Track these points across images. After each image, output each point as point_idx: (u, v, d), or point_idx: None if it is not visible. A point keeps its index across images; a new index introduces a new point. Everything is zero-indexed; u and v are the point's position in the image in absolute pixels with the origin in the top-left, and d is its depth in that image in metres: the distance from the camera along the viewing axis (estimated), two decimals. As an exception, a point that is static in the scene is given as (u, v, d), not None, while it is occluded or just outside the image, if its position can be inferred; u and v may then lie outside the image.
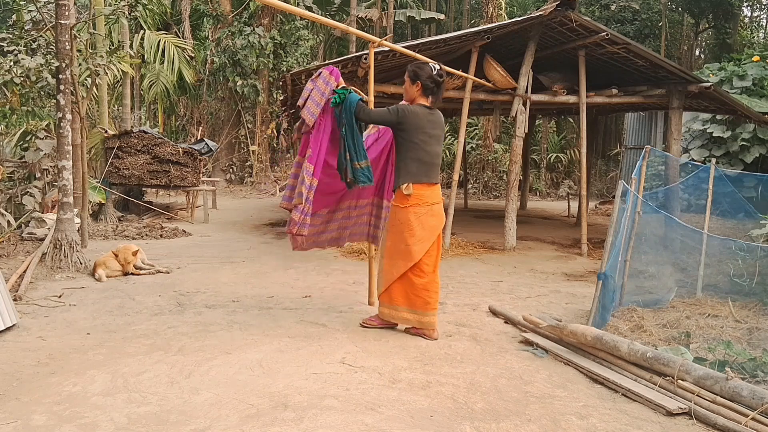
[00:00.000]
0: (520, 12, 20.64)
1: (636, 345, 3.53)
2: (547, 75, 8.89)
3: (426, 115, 4.08)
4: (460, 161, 8.65)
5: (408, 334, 4.32)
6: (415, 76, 4.10)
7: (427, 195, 4.09)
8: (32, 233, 7.33)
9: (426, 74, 4.07)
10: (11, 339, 3.98)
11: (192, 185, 10.50)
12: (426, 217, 4.09)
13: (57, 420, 2.82)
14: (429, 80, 4.07)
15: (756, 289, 5.34)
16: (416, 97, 4.12)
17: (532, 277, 6.65)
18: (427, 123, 4.07)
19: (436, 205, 4.16)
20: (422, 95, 4.12)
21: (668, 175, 8.56)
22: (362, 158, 4.10)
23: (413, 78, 4.10)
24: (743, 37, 22.80)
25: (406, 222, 4.07)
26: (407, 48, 6.54)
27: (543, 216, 12.89)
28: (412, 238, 4.06)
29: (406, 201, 4.05)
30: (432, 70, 4.08)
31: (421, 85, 4.08)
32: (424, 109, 4.09)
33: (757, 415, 2.82)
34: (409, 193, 4.02)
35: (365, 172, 4.12)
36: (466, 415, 3.03)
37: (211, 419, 2.86)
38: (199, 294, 5.38)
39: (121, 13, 7.61)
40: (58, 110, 6.23)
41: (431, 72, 4.07)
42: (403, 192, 4.04)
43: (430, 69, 4.09)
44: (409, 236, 4.06)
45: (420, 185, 4.07)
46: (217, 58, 16.12)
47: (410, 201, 4.04)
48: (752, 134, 11.41)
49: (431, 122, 4.10)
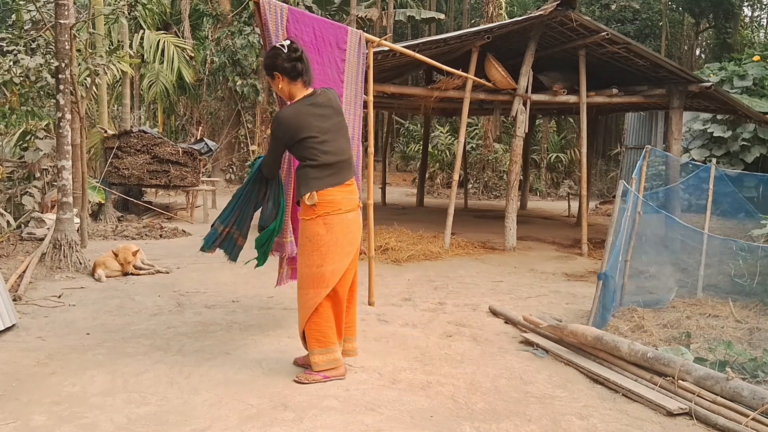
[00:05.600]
0: (520, 12, 20.64)
1: (636, 345, 3.52)
2: (547, 75, 8.89)
3: (308, 108, 3.30)
4: (460, 161, 8.64)
5: (407, 335, 4.31)
6: (270, 69, 3.37)
7: (338, 199, 3.32)
8: (32, 233, 7.32)
9: (278, 59, 3.32)
10: (11, 339, 3.97)
11: (192, 185, 10.49)
12: (339, 229, 3.31)
13: (56, 420, 2.82)
14: (284, 62, 3.30)
15: (757, 289, 5.33)
16: (290, 91, 3.38)
17: (532, 277, 6.65)
18: (315, 117, 3.29)
19: (352, 213, 3.38)
20: (292, 83, 3.34)
21: (669, 175, 8.56)
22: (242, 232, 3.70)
23: (270, 74, 3.39)
24: (744, 36, 22.80)
25: (314, 237, 3.30)
26: (407, 48, 6.54)
27: (543, 216, 12.88)
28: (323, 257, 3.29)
29: (313, 211, 3.29)
30: (282, 50, 3.32)
31: (281, 74, 3.32)
32: (301, 102, 3.33)
33: (757, 415, 2.81)
34: (313, 202, 3.26)
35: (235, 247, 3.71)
36: (467, 415, 3.02)
37: (211, 419, 2.86)
38: (198, 294, 5.38)
39: (121, 13, 7.60)
40: (58, 110, 6.22)
41: (281, 51, 3.31)
42: (306, 202, 3.30)
43: (279, 49, 3.33)
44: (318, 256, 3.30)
45: (327, 190, 3.29)
46: (216, 58, 16.11)
47: (318, 211, 3.27)
48: (753, 134, 11.41)
49: (320, 113, 3.32)
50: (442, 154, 18.63)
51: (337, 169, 3.33)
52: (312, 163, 3.28)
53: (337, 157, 3.33)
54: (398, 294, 5.54)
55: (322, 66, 4.26)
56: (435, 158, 18.50)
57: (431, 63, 6.61)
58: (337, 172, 3.34)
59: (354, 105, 4.46)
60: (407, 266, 6.95)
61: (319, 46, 4.16)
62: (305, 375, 3.38)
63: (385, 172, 14.62)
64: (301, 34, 4.03)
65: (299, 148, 3.31)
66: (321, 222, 3.29)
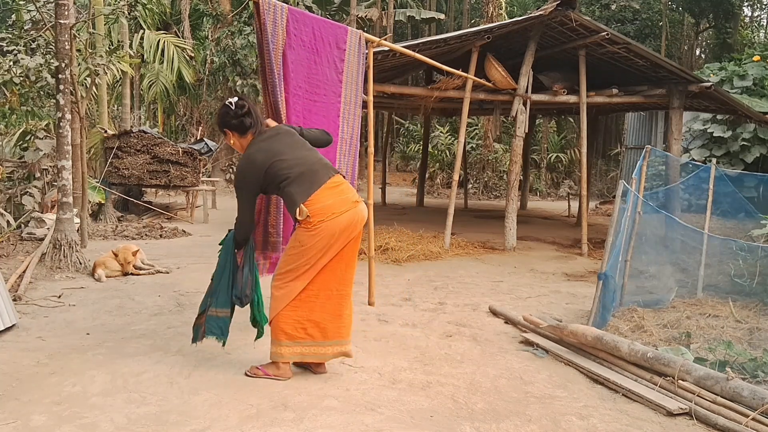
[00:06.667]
0: (520, 12, 20.64)
1: (636, 345, 3.52)
2: (547, 75, 8.89)
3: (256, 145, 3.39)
4: (460, 161, 8.64)
5: (407, 335, 4.31)
6: (221, 126, 3.51)
7: (331, 203, 3.28)
8: (32, 233, 7.32)
9: (226, 118, 3.44)
10: (11, 339, 3.97)
11: (192, 185, 10.49)
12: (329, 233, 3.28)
13: (56, 420, 2.81)
14: (232, 119, 3.41)
15: (756, 289, 5.33)
16: (241, 144, 3.48)
17: (532, 277, 6.65)
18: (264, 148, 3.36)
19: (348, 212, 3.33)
20: (242, 137, 3.45)
21: (669, 175, 8.56)
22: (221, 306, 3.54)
23: (222, 130, 3.52)
24: (744, 36, 22.80)
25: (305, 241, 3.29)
26: (407, 48, 6.54)
27: (543, 216, 12.88)
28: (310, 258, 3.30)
29: (310, 223, 3.25)
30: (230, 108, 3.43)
31: (231, 130, 3.45)
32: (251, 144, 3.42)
33: (757, 415, 2.81)
34: (304, 216, 3.24)
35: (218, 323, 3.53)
36: (467, 415, 3.02)
37: (211, 419, 2.86)
38: (199, 294, 5.34)
39: (121, 13, 7.59)
40: (58, 110, 6.22)
41: (229, 109, 3.42)
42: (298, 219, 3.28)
43: (227, 107, 3.45)
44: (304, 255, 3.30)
45: (312, 198, 3.26)
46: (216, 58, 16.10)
47: (313, 221, 3.25)
48: (753, 134, 11.41)
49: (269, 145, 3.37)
50: (442, 154, 18.63)
51: (310, 175, 3.32)
52: (287, 181, 3.29)
53: (306, 166, 3.34)
54: (398, 294, 5.54)
55: (320, 66, 4.26)
56: (435, 158, 18.50)
57: (431, 63, 6.62)
58: (312, 178, 3.32)
59: (353, 105, 4.46)
60: (407, 266, 6.96)
61: (318, 46, 4.17)
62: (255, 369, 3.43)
63: (385, 172, 14.62)
64: (300, 34, 4.03)
65: (271, 177, 3.32)
66: (316, 232, 3.26)
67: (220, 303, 3.54)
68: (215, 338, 3.57)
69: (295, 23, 3.99)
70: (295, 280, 3.33)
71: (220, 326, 3.54)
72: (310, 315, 3.35)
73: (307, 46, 4.05)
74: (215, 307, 3.54)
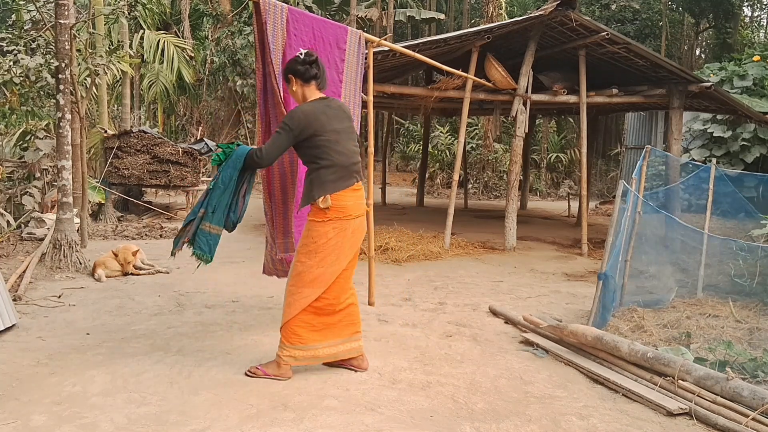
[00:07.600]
0: (520, 12, 20.64)
1: (636, 345, 3.52)
2: (547, 75, 8.89)
3: (323, 108, 3.40)
4: (460, 161, 8.64)
5: (407, 335, 4.31)
6: (286, 72, 3.54)
7: (350, 205, 3.38)
8: (32, 233, 7.32)
9: (293, 64, 3.48)
10: (11, 339, 3.97)
11: (192, 185, 10.50)
12: (344, 235, 3.38)
13: (56, 420, 2.82)
14: (299, 66, 3.44)
15: (756, 289, 5.33)
16: (303, 93, 3.49)
17: (532, 277, 6.65)
18: (328, 117, 3.37)
19: (359, 218, 3.46)
20: (305, 85, 3.46)
21: (669, 175, 8.56)
22: (217, 223, 3.41)
23: (287, 78, 3.54)
24: (744, 36, 22.79)
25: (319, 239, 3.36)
26: (407, 48, 6.54)
27: (543, 216, 12.88)
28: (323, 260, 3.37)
29: (324, 215, 3.33)
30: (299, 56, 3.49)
31: (295, 77, 3.46)
32: (319, 102, 3.44)
33: (757, 415, 2.81)
34: (327, 206, 3.31)
35: (209, 240, 3.42)
36: (467, 415, 3.03)
37: (211, 419, 2.86)
38: (198, 294, 5.38)
39: (121, 13, 7.60)
40: (58, 110, 6.22)
41: (297, 57, 3.48)
42: (320, 206, 3.33)
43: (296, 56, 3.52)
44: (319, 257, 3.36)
45: (339, 194, 3.34)
46: (216, 58, 16.10)
47: (329, 215, 3.33)
48: (753, 134, 11.40)
49: (333, 114, 3.41)
50: (442, 154, 18.63)
51: (348, 172, 3.40)
52: (325, 164, 3.33)
53: (349, 160, 3.41)
54: (398, 294, 5.54)
55: None
56: (435, 158, 18.50)
57: (431, 63, 6.61)
58: (347, 175, 3.40)
59: (353, 105, 4.46)
60: (407, 266, 6.96)
61: (318, 46, 4.17)
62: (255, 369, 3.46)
63: (385, 172, 14.62)
64: (301, 34, 4.03)
65: (309, 145, 3.34)
66: (330, 226, 3.35)
67: (216, 220, 3.42)
68: (197, 255, 3.45)
69: (295, 23, 3.99)
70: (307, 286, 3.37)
71: (210, 243, 3.43)
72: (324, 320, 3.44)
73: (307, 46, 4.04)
74: (210, 222, 3.42)
